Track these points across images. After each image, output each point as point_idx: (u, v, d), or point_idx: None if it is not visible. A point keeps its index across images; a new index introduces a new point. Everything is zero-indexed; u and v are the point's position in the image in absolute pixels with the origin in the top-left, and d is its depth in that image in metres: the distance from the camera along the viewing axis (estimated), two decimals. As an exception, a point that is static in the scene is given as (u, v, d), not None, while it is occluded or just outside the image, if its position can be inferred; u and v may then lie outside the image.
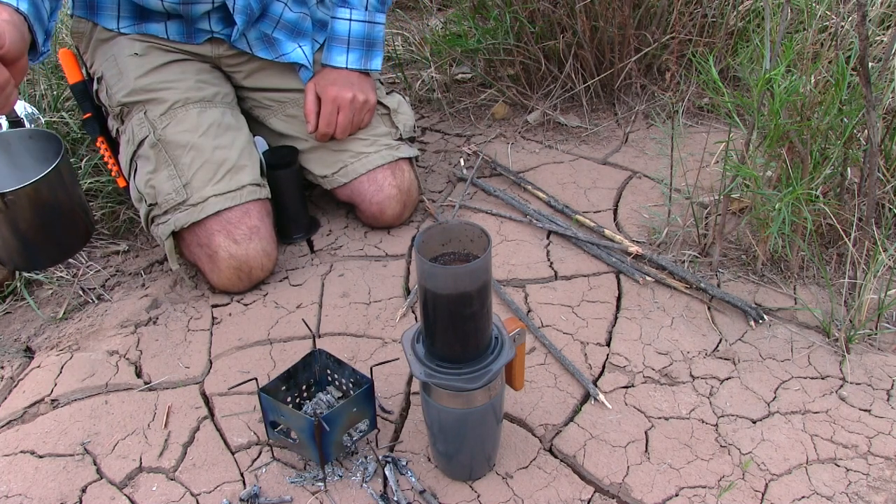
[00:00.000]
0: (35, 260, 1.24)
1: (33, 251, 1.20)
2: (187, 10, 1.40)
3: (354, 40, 1.52)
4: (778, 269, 1.42)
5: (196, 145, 1.38)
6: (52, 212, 1.17)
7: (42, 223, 1.17)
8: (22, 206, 1.12)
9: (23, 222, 1.14)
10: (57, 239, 1.21)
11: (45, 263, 1.33)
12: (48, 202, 1.16)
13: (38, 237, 1.18)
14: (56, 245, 1.22)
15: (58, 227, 1.20)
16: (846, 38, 1.44)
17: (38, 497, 1.05)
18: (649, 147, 1.83)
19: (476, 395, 0.93)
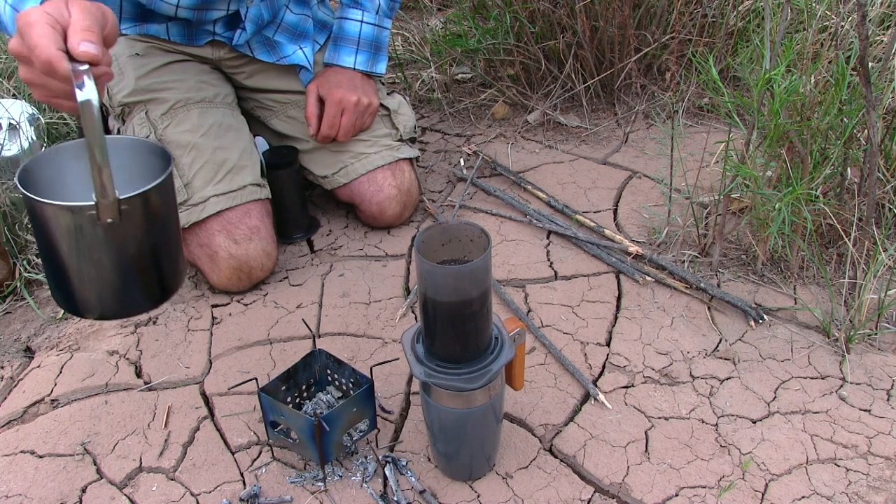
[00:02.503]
0: (132, 301, 0.92)
1: (133, 287, 0.91)
2: (200, 16, 1.40)
3: (364, 42, 1.53)
4: (778, 269, 1.42)
5: (197, 145, 1.38)
6: (162, 233, 0.91)
7: (152, 247, 0.90)
8: (136, 219, 0.86)
9: (132, 243, 0.87)
10: (161, 272, 0.94)
11: (143, 306, 0.95)
12: (161, 218, 0.90)
13: (144, 266, 0.91)
14: (159, 281, 0.94)
15: (165, 255, 0.93)
16: (846, 38, 1.44)
17: (38, 497, 1.05)
18: (649, 147, 1.83)
19: (476, 395, 0.93)
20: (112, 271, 0.88)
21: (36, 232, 0.88)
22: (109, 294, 0.90)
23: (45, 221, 0.84)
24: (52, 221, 0.84)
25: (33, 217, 0.86)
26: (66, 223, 0.83)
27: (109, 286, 0.89)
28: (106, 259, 0.87)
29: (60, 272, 0.88)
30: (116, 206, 0.82)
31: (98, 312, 0.92)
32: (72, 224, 0.83)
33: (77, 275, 0.88)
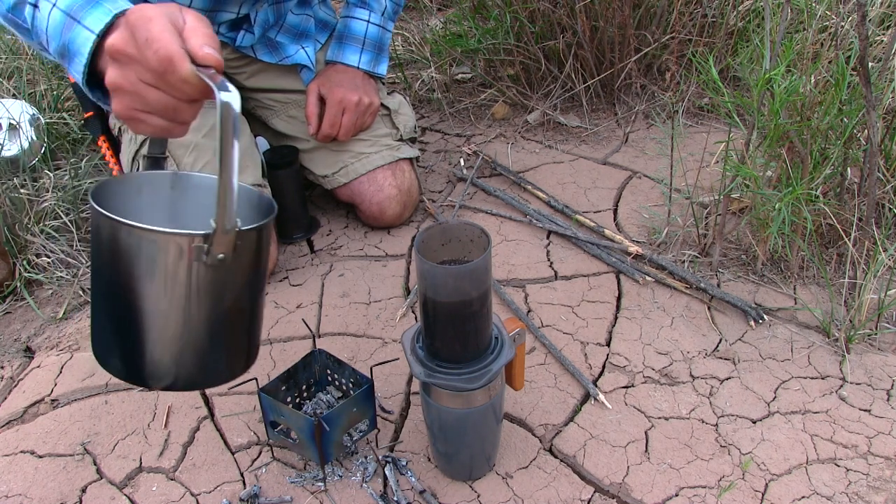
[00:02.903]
0: (214, 368, 0.75)
1: (220, 350, 0.74)
2: (209, 17, 1.40)
3: (369, 42, 1.53)
4: (778, 269, 1.42)
5: (198, 145, 1.38)
6: (258, 285, 0.76)
7: (249, 301, 0.75)
8: (242, 262, 0.71)
9: (231, 292, 0.72)
10: (250, 336, 0.78)
11: (222, 376, 0.77)
12: (262, 267, 0.75)
13: (236, 325, 0.75)
14: (247, 346, 0.78)
15: (255, 315, 0.78)
16: (846, 38, 1.44)
17: (38, 497, 1.05)
18: (649, 147, 1.83)
19: (476, 395, 0.93)
20: (202, 325, 0.71)
21: (104, 266, 0.70)
22: (190, 356, 0.72)
23: (128, 253, 0.67)
24: (140, 254, 0.67)
25: (109, 245, 0.69)
26: (163, 257, 0.67)
27: (193, 346, 0.71)
28: (200, 308, 0.70)
29: (129, 323, 0.69)
30: (233, 240, 0.67)
31: (169, 380, 0.72)
32: (171, 258, 0.67)
33: (157, 327, 0.69)
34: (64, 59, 0.83)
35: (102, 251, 0.70)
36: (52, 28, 0.83)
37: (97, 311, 0.74)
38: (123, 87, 0.71)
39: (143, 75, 0.70)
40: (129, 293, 0.69)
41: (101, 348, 0.74)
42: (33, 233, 1.55)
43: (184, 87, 0.69)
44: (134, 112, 0.72)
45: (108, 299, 0.72)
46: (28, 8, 0.87)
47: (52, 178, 1.63)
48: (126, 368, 0.72)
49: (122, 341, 0.71)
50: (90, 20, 0.79)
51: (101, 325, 0.73)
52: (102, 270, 0.71)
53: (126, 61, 0.71)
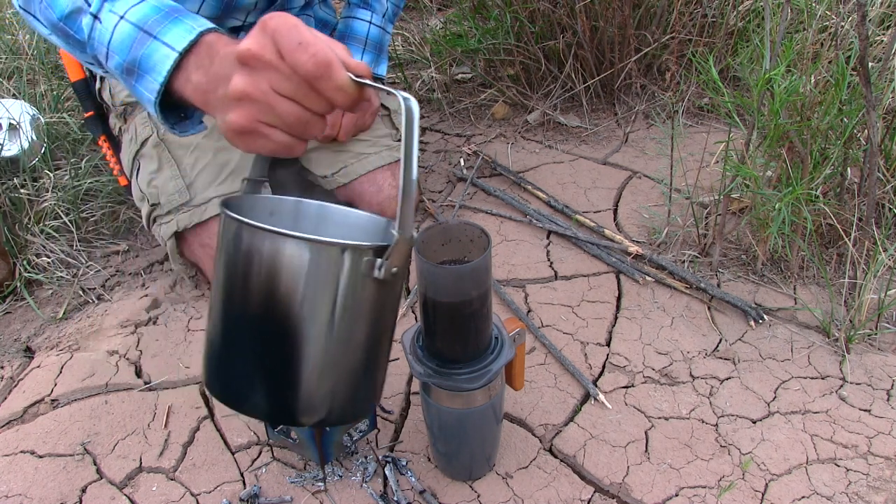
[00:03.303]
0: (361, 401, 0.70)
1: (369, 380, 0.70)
2: (217, 24, 1.40)
3: (371, 43, 1.54)
4: (778, 269, 1.42)
5: (199, 146, 1.38)
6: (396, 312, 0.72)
7: (394, 319, 0.71)
8: (399, 282, 0.68)
9: (386, 315, 0.68)
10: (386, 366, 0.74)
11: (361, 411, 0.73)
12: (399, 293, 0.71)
13: (381, 352, 0.71)
14: (382, 377, 0.74)
15: (393, 336, 0.74)
16: (846, 38, 1.44)
17: (38, 497, 1.05)
18: (649, 147, 1.83)
19: (476, 395, 0.93)
20: (360, 349, 0.66)
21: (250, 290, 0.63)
22: (346, 385, 0.66)
23: (290, 270, 0.61)
24: (308, 270, 0.61)
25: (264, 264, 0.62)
26: (335, 271, 0.62)
27: (350, 373, 0.66)
28: (362, 330, 0.65)
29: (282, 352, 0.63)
30: (409, 252, 0.63)
31: (322, 414, 0.65)
32: (345, 272, 0.62)
33: (316, 354, 0.63)
34: (130, 75, 0.78)
35: (251, 273, 0.63)
36: (119, 42, 0.78)
37: (230, 345, 0.66)
38: (252, 95, 0.65)
39: (279, 84, 0.64)
40: (286, 317, 0.62)
41: (233, 387, 0.66)
42: (33, 233, 1.55)
43: (336, 95, 0.64)
44: (257, 125, 0.65)
45: (252, 329, 0.64)
46: (86, 18, 0.82)
47: (52, 178, 1.63)
48: (271, 406, 0.65)
49: (268, 375, 0.64)
50: (170, 37, 0.75)
51: (234, 361, 0.65)
52: (245, 296, 0.63)
53: (261, 68, 0.64)
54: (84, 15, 0.82)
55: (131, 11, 0.79)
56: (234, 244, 0.64)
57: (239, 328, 0.65)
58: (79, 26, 0.83)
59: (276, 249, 0.62)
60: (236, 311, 0.65)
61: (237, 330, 0.66)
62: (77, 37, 0.84)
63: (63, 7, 0.84)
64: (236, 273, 0.64)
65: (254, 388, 0.65)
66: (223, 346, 0.66)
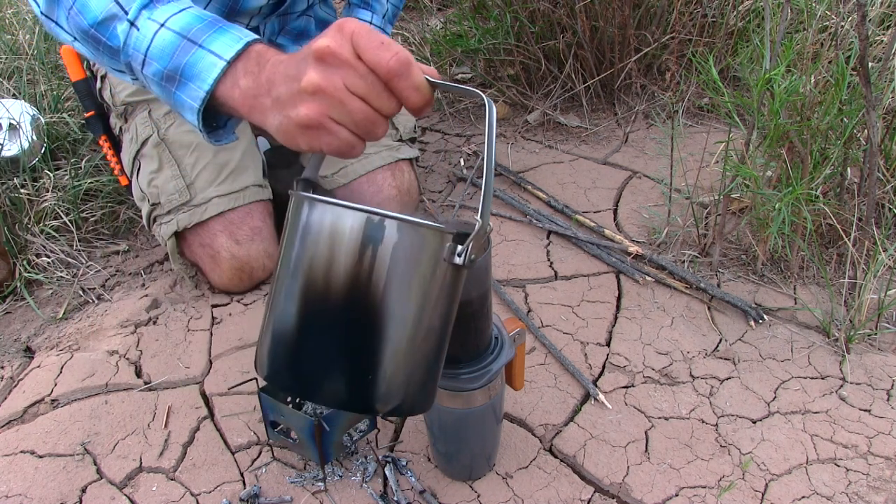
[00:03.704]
0: (429, 393, 0.71)
1: (437, 367, 0.71)
2: None
3: None
4: (778, 269, 1.42)
5: (200, 146, 1.38)
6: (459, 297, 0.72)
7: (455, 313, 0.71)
8: (465, 276, 0.69)
9: (458, 300, 0.70)
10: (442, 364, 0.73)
11: (425, 404, 0.72)
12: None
13: (447, 340, 0.71)
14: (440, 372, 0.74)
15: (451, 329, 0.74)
16: (846, 38, 1.44)
17: (38, 497, 1.05)
18: (649, 147, 1.83)
19: (476, 395, 0.93)
20: (434, 337, 0.67)
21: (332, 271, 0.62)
22: (421, 373, 0.66)
23: (378, 251, 0.62)
24: (398, 251, 0.62)
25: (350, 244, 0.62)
26: (423, 254, 0.63)
27: (425, 360, 0.66)
28: (438, 317, 0.66)
29: (364, 334, 0.63)
30: (486, 241, 0.65)
31: (396, 402, 0.65)
32: (431, 256, 0.63)
33: (397, 338, 0.64)
34: (170, 82, 0.79)
35: (337, 255, 0.62)
36: (159, 50, 0.79)
37: (306, 332, 0.64)
38: (325, 90, 0.66)
39: (353, 82, 0.66)
40: (373, 301, 0.62)
41: (307, 376, 0.64)
42: (33, 233, 1.55)
43: (412, 94, 0.66)
44: (325, 120, 0.67)
45: (335, 314, 0.63)
46: (122, 25, 0.82)
47: (52, 178, 1.63)
48: (349, 393, 0.64)
49: (349, 361, 0.64)
50: (217, 45, 0.76)
51: (310, 349, 0.64)
52: (329, 280, 0.62)
53: (337, 65, 0.66)
54: (119, 22, 0.82)
55: (173, 20, 0.79)
56: (317, 226, 0.64)
57: (319, 314, 0.64)
58: (112, 33, 0.83)
59: (366, 229, 0.62)
60: (317, 297, 0.63)
61: (317, 316, 0.64)
62: (110, 43, 0.84)
63: (96, 14, 0.84)
64: (319, 256, 0.63)
65: (331, 376, 0.64)
66: (297, 334, 0.64)
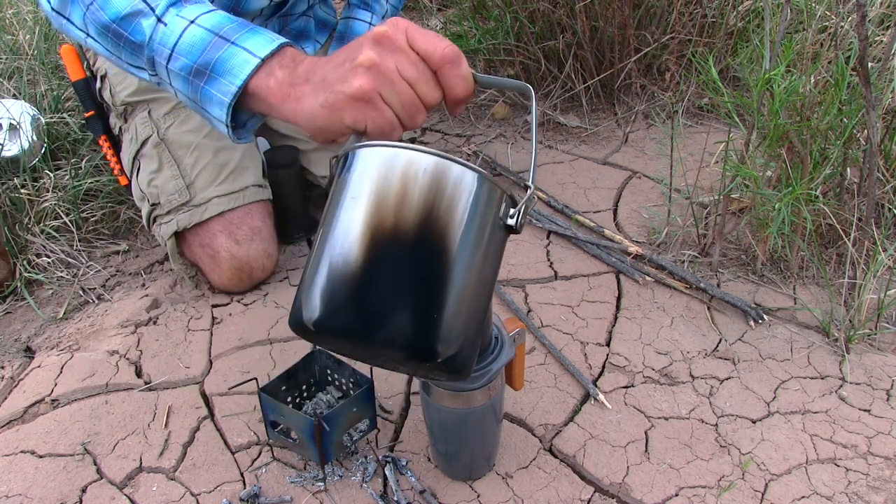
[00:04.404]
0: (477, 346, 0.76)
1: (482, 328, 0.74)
2: None
3: None
4: (778, 269, 1.42)
5: (200, 146, 1.38)
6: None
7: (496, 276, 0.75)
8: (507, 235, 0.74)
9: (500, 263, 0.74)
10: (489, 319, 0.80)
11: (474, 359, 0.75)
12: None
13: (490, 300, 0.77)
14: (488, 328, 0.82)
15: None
16: (846, 38, 1.44)
17: (38, 497, 1.05)
18: (649, 147, 1.83)
19: (476, 395, 0.93)
20: (485, 291, 0.70)
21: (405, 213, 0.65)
22: (475, 327, 0.69)
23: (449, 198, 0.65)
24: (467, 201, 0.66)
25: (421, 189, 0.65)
26: (484, 208, 0.67)
27: (478, 315, 0.70)
28: (491, 273, 0.70)
29: (431, 277, 0.65)
30: (528, 208, 0.70)
31: (454, 348, 0.67)
32: (493, 211, 0.68)
33: (458, 283, 0.66)
34: (199, 77, 0.80)
35: (409, 197, 0.65)
36: (188, 45, 0.81)
37: (371, 272, 0.65)
38: (380, 67, 0.71)
39: (404, 67, 0.71)
40: (442, 243, 0.65)
41: (368, 317, 0.65)
42: (33, 233, 1.55)
43: (458, 83, 0.72)
44: (376, 95, 0.71)
45: (404, 254, 0.65)
46: (148, 21, 0.84)
47: (53, 178, 1.63)
48: (414, 333, 0.65)
49: (415, 301, 0.65)
50: (251, 44, 0.79)
51: (373, 289, 0.65)
52: (400, 221, 0.65)
53: (391, 49, 0.71)
54: (145, 17, 0.84)
55: (203, 18, 0.82)
56: (389, 168, 0.67)
57: (388, 251, 0.65)
58: (136, 28, 0.84)
59: (442, 174, 0.66)
60: (387, 234, 0.65)
61: (385, 253, 0.65)
62: (133, 38, 0.85)
63: (119, 9, 0.85)
64: (391, 195, 0.66)
65: (397, 313, 0.65)
66: (362, 271, 0.65)
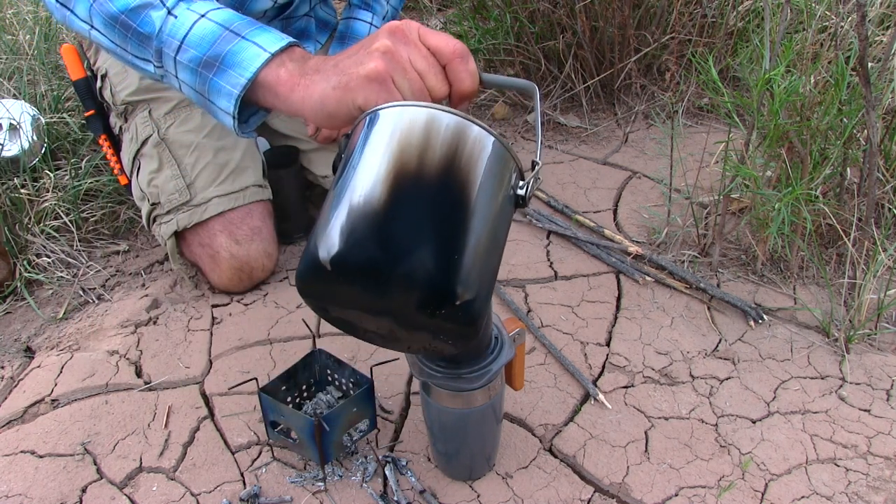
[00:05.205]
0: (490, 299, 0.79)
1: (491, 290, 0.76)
2: None
3: None
4: (778, 269, 1.42)
5: (200, 146, 1.38)
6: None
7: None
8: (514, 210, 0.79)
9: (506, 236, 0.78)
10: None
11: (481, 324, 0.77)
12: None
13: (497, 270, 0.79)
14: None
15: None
16: (846, 38, 1.44)
17: (38, 497, 1.05)
18: (649, 147, 1.83)
19: (476, 395, 0.93)
20: (499, 257, 0.74)
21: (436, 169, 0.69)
22: (489, 280, 0.72)
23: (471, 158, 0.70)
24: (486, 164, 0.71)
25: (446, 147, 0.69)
26: (501, 171, 0.72)
27: (490, 273, 0.73)
28: (503, 236, 0.75)
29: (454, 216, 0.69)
30: (535, 184, 0.76)
31: (473, 292, 0.69)
32: (507, 175, 0.73)
33: (476, 234, 0.69)
34: (208, 69, 0.83)
35: (430, 146, 0.69)
36: (198, 37, 0.84)
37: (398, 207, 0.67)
38: (395, 55, 0.74)
39: (415, 59, 0.75)
40: (463, 191, 0.69)
41: (393, 249, 0.67)
42: (33, 233, 1.55)
43: (465, 77, 0.76)
44: (388, 77, 0.74)
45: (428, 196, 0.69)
46: (157, 13, 0.86)
47: (53, 178, 1.63)
48: (435, 266, 0.67)
49: (439, 237, 0.68)
50: (261, 40, 0.81)
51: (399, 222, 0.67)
52: (423, 168, 0.68)
53: (405, 42, 0.75)
54: (154, 9, 0.86)
55: (213, 13, 0.85)
56: (410, 123, 0.70)
57: (412, 191, 0.68)
58: (145, 20, 0.87)
59: (464, 132, 0.71)
60: (410, 179, 0.68)
61: (409, 193, 0.68)
62: (141, 29, 0.87)
63: (128, 0, 0.87)
64: (412, 146, 0.69)
65: (420, 247, 0.67)
66: (386, 206, 0.67)
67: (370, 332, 0.76)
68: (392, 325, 0.72)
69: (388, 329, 0.73)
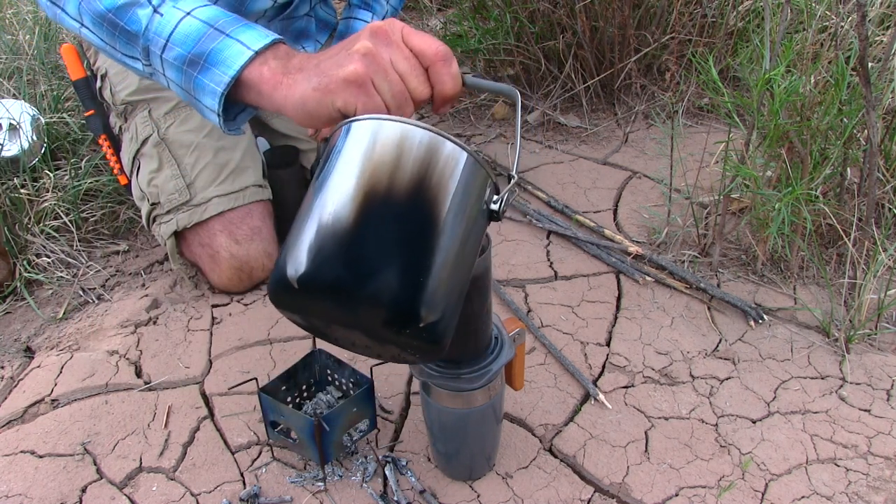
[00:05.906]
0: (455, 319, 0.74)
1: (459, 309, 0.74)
2: None
3: None
4: (778, 269, 1.42)
5: (200, 145, 1.38)
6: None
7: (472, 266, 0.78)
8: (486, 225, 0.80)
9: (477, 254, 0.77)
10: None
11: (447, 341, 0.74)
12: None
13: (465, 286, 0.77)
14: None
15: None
16: (846, 38, 1.44)
17: (38, 497, 1.05)
18: (649, 147, 1.83)
19: (476, 395, 0.93)
20: (467, 275, 0.73)
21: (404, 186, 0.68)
22: (455, 300, 0.71)
23: (441, 174, 0.69)
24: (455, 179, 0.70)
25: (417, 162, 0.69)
26: (471, 187, 0.71)
27: (458, 292, 0.72)
28: (472, 254, 0.73)
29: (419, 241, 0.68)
30: (510, 198, 0.76)
31: (437, 314, 0.68)
32: (478, 190, 0.72)
33: (442, 252, 0.68)
34: (193, 66, 0.83)
35: (402, 166, 0.68)
36: (184, 35, 0.84)
37: (364, 228, 0.67)
38: (376, 56, 0.73)
39: (397, 60, 0.74)
40: (431, 211, 0.68)
41: (357, 269, 0.66)
42: (33, 233, 1.55)
43: (448, 80, 0.77)
44: (367, 80, 0.73)
45: (395, 216, 0.68)
46: (144, 11, 0.86)
47: (52, 178, 1.63)
48: (400, 287, 0.66)
49: (403, 258, 0.67)
50: (245, 37, 0.81)
51: (365, 243, 0.67)
52: (392, 187, 0.67)
53: (387, 43, 0.74)
54: (141, 7, 0.87)
55: (199, 10, 0.85)
56: (383, 139, 0.70)
57: (380, 210, 0.67)
58: (132, 18, 0.87)
59: (436, 149, 0.70)
60: (379, 198, 0.67)
61: (377, 212, 0.67)
62: (128, 28, 0.88)
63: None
64: (386, 162, 0.68)
65: (385, 267, 0.66)
66: (353, 226, 0.67)
67: (343, 340, 0.76)
68: (363, 337, 0.72)
69: (360, 339, 0.73)
